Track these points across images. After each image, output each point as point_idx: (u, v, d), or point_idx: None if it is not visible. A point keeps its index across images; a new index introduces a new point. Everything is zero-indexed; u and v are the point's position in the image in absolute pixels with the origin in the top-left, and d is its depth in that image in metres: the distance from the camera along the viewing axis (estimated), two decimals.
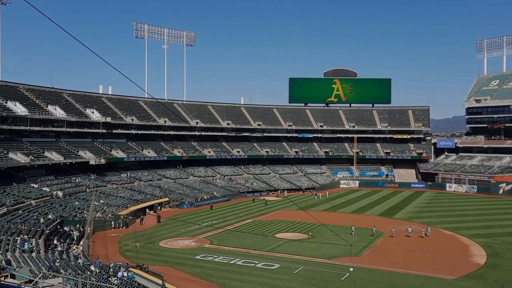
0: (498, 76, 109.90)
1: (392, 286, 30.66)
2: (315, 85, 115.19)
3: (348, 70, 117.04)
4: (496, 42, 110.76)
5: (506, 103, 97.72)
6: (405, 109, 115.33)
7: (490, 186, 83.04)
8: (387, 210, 65.40)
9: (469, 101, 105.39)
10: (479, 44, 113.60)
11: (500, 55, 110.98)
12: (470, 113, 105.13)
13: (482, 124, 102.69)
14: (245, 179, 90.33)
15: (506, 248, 41.14)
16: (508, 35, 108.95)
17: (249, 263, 36.12)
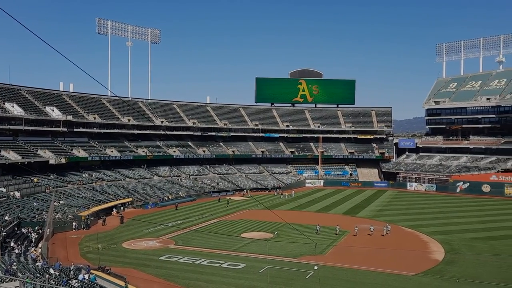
0: (456, 79, 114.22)
1: (355, 283, 31.24)
2: (282, 85, 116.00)
3: (314, 71, 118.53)
4: (454, 46, 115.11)
5: (463, 105, 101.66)
6: (368, 110, 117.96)
7: (448, 185, 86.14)
8: (351, 208, 66.65)
9: (428, 102, 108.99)
10: (438, 47, 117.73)
11: (458, 58, 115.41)
12: (430, 114, 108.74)
13: (441, 125, 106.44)
14: (211, 179, 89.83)
15: (462, 245, 42.78)
16: (466, 40, 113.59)
17: (214, 263, 35.91)
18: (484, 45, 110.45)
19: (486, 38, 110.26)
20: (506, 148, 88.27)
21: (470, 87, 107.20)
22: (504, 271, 34.11)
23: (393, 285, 30.75)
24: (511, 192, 78.61)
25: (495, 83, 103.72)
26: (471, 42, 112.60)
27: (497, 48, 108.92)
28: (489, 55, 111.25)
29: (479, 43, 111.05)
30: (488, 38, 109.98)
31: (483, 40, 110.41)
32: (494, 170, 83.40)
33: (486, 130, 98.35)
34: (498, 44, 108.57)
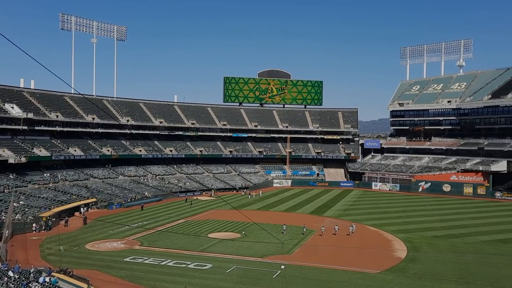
0: (419, 82, 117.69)
1: (321, 281, 31.62)
2: (250, 85, 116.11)
3: (282, 71, 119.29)
4: (417, 50, 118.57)
5: (425, 107, 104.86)
6: (335, 111, 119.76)
7: (411, 185, 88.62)
8: (317, 208, 67.46)
9: (393, 104, 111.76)
10: (402, 51, 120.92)
11: (421, 62, 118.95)
12: (394, 116, 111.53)
13: (404, 126, 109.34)
14: (178, 179, 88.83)
15: (424, 243, 44.10)
16: (428, 44, 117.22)
17: (180, 264, 35.53)
18: (445, 49, 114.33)
19: (447, 42, 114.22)
20: (465, 149, 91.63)
21: (432, 90, 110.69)
22: (462, 267, 35.38)
23: (358, 283, 31.32)
24: (469, 192, 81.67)
25: (455, 86, 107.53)
26: (434, 46, 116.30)
27: (458, 52, 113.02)
28: (450, 59, 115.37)
29: (441, 48, 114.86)
30: (449, 42, 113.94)
31: (445, 44, 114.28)
32: (454, 171, 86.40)
33: (447, 131, 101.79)
34: (459, 48, 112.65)
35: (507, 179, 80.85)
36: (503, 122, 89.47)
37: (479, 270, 34.47)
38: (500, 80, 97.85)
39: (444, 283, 31.27)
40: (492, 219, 57.84)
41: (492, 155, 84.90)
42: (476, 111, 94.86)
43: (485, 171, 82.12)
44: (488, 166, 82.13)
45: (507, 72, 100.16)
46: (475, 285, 30.92)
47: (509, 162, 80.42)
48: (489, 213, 63.25)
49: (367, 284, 31.15)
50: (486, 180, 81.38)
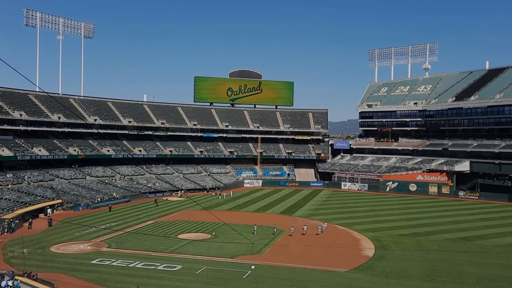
0: (387, 84, 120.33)
1: (291, 281, 31.83)
2: (221, 85, 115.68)
3: (253, 71, 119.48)
4: (385, 52, 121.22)
5: (393, 109, 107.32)
6: (306, 111, 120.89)
7: (379, 184, 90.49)
8: (288, 208, 67.90)
9: (362, 106, 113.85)
10: (371, 53, 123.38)
11: (388, 64, 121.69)
12: (363, 117, 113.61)
13: (373, 127, 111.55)
14: (147, 179, 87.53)
15: (391, 241, 45.11)
16: (396, 47, 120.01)
17: (149, 265, 35.03)
18: (412, 52, 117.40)
19: (414, 46, 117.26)
20: (430, 149, 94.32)
21: (399, 92, 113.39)
22: (427, 265, 36.38)
23: (327, 281, 31.71)
24: (434, 191, 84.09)
25: (421, 88, 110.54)
26: (401, 49, 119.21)
27: (424, 55, 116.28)
28: (416, 62, 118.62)
29: (408, 51, 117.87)
30: (416, 46, 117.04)
31: (411, 47, 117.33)
32: (420, 171, 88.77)
33: (413, 132, 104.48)
34: (424, 52, 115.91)
35: (469, 179, 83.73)
36: (466, 123, 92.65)
37: (443, 267, 35.54)
38: (463, 83, 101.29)
39: (409, 280, 32.07)
40: (455, 218, 59.76)
41: (455, 155, 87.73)
42: (441, 112, 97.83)
43: (449, 171, 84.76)
44: (452, 166, 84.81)
45: (470, 76, 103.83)
46: (439, 282, 31.85)
47: (471, 162, 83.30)
48: (453, 211, 65.31)
49: (336, 282, 31.58)
50: (450, 180, 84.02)
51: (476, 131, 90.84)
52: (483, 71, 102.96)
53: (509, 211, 65.76)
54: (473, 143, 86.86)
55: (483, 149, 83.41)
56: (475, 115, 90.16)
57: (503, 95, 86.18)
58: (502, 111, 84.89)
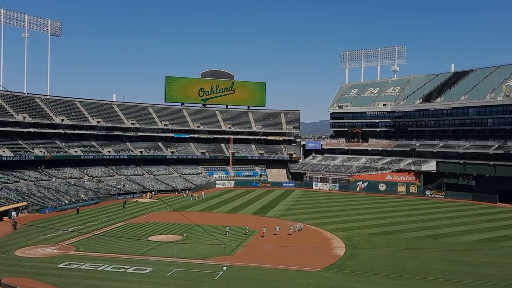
0: (357, 85, 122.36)
1: (263, 281, 31.84)
2: (192, 85, 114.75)
3: (225, 72, 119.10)
4: (356, 54, 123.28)
5: (363, 110, 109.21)
6: (278, 112, 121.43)
7: (349, 184, 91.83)
8: (260, 209, 67.97)
9: (333, 107, 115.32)
10: (342, 55, 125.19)
11: (359, 66, 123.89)
12: (334, 118, 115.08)
13: (343, 128, 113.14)
14: (116, 181, 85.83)
15: (361, 240, 45.83)
16: (366, 49, 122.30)
17: (119, 268, 34.35)
18: (381, 55, 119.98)
19: (383, 48, 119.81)
20: (399, 150, 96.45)
21: (369, 93, 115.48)
22: (396, 263, 37.13)
23: (299, 281, 31.88)
24: (403, 190, 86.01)
25: (390, 90, 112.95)
26: (370, 51, 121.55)
27: (392, 58, 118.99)
28: (385, 64, 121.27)
29: (377, 53, 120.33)
30: (385, 48, 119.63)
31: (381, 50, 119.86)
32: (389, 170, 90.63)
33: (382, 133, 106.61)
34: (393, 54, 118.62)
35: (436, 178, 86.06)
36: (433, 124, 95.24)
37: (411, 265, 36.35)
38: (430, 85, 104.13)
39: (379, 278, 32.64)
40: (423, 216, 61.29)
41: (423, 155, 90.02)
42: (409, 114, 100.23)
43: (416, 171, 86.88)
44: (419, 166, 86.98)
45: (436, 78, 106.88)
46: (407, 279, 32.55)
47: (438, 162, 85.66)
48: (420, 210, 66.96)
49: (308, 282, 31.79)
50: (418, 180, 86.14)
51: (442, 132, 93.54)
52: (448, 73, 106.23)
53: (473, 209, 68.02)
54: (439, 144, 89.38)
55: (449, 149, 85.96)
56: (441, 116, 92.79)
57: (467, 97, 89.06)
58: (466, 112, 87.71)
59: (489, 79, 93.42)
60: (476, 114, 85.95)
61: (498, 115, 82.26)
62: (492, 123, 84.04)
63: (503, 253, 40.35)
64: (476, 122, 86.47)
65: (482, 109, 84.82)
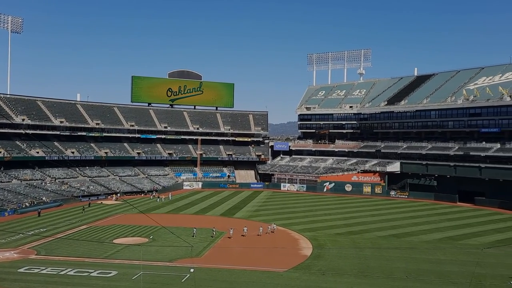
0: (324, 87, 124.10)
1: (230, 283, 31.73)
2: (160, 85, 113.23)
3: (193, 72, 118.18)
4: (323, 57, 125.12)
5: (330, 112, 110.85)
6: (246, 113, 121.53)
7: (317, 185, 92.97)
8: (228, 210, 67.77)
9: (301, 108, 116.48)
10: (309, 57, 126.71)
11: (326, 68, 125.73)
12: (302, 119, 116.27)
13: (311, 130, 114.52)
14: (80, 182, 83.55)
15: (328, 240, 46.46)
16: (333, 52, 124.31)
17: (82, 272, 33.44)
18: (348, 57, 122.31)
19: (349, 51, 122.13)
20: (365, 151, 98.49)
21: (336, 96, 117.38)
22: (361, 262, 37.84)
23: (266, 282, 31.96)
24: (368, 191, 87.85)
25: (356, 92, 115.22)
26: (337, 54, 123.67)
27: (358, 61, 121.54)
28: (352, 67, 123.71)
29: (344, 56, 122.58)
30: (351, 51, 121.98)
31: (347, 53, 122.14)
32: (355, 171, 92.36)
33: (349, 134, 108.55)
34: (359, 57, 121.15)
35: (400, 179, 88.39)
36: (397, 126, 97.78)
37: (376, 264, 37.14)
38: (394, 88, 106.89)
39: (345, 277, 33.17)
40: (387, 216, 62.78)
41: (387, 157, 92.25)
42: (374, 116, 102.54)
43: (381, 172, 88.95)
44: (384, 167, 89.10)
45: (400, 81, 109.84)
46: (372, 277, 33.23)
47: (402, 163, 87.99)
48: (385, 210, 68.57)
49: (275, 282, 31.92)
50: (382, 180, 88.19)
51: (405, 134, 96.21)
52: (412, 77, 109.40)
53: (435, 209, 70.25)
54: (403, 145, 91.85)
55: (412, 150, 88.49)
56: (405, 118, 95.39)
57: (429, 100, 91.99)
58: (428, 115, 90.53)
59: (450, 83, 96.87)
60: (437, 117, 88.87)
61: (458, 118, 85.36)
62: (452, 125, 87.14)
63: (463, 251, 41.85)
64: (438, 124, 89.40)
65: (443, 112, 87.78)
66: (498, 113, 78.94)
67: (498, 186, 72.07)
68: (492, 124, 79.83)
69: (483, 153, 76.31)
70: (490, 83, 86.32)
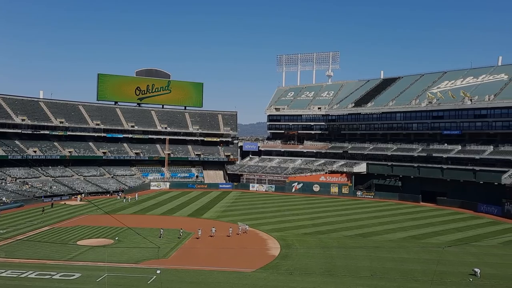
0: (293, 89, 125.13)
1: (198, 284, 31.47)
2: (127, 84, 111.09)
3: (162, 71, 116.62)
4: (292, 58, 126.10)
5: (299, 113, 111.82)
6: (215, 113, 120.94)
7: (285, 186, 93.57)
8: (196, 210, 67.23)
9: (270, 109, 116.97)
10: (279, 58, 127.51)
11: (295, 70, 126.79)
12: (271, 120, 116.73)
13: (280, 130, 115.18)
14: (42, 182, 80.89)
15: (296, 240, 46.81)
16: (302, 53, 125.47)
17: (44, 275, 32.43)
18: (316, 59, 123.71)
19: (318, 53, 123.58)
20: (332, 152, 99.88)
21: (305, 97, 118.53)
22: (328, 261, 38.32)
23: (234, 282, 31.88)
24: (335, 191, 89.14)
25: (325, 94, 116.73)
26: (306, 56, 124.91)
27: (327, 63, 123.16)
28: (321, 69, 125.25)
29: (313, 58, 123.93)
30: (320, 53, 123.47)
31: (316, 55, 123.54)
32: (323, 172, 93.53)
33: (317, 135, 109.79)
34: (328, 59, 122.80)
35: (366, 179, 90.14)
36: (364, 128, 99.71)
37: (342, 263, 37.71)
38: (361, 90, 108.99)
39: (312, 277, 33.49)
40: (353, 216, 63.87)
41: (354, 157, 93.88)
42: (342, 117, 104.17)
43: (348, 172, 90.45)
44: (351, 167, 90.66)
45: (367, 84, 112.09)
46: (338, 276, 33.70)
47: (368, 164, 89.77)
48: (351, 210, 69.74)
49: (243, 283, 31.87)
50: (349, 181, 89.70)
51: (372, 135, 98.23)
52: (378, 79, 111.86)
53: (399, 208, 72.04)
54: (369, 146, 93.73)
55: (378, 152, 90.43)
56: (371, 120, 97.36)
57: (395, 102, 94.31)
58: (394, 117, 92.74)
59: (414, 86, 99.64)
60: (402, 119, 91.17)
61: (422, 120, 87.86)
62: (416, 127, 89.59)
63: (425, 250, 43.06)
64: (403, 126, 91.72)
65: (408, 114, 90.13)
66: (459, 116, 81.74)
67: (459, 186, 74.69)
68: (453, 127, 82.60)
69: (445, 154, 78.87)
70: (452, 87, 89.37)
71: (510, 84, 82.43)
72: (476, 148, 76.78)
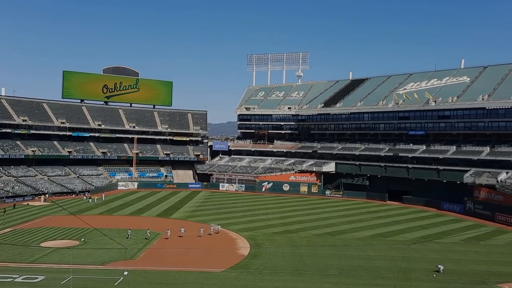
0: (264, 88, 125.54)
1: (166, 284, 31.10)
2: (94, 81, 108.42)
3: (130, 69, 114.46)
4: (263, 58, 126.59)
5: (269, 112, 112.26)
6: (185, 112, 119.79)
7: (255, 185, 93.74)
8: (165, 210, 66.41)
9: (240, 108, 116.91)
10: (249, 58, 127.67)
11: (265, 69, 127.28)
12: (241, 119, 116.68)
13: (250, 130, 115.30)
14: (4, 182, 77.94)
15: (266, 239, 46.97)
16: (272, 53, 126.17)
17: (6, 278, 31.32)
18: (287, 60, 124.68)
19: (288, 53, 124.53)
20: (302, 151, 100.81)
21: (275, 97, 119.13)
22: (297, 260, 38.66)
23: (203, 283, 31.67)
24: (305, 190, 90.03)
25: (295, 94, 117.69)
26: (277, 56, 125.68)
27: (297, 63, 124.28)
28: (291, 69, 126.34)
29: (283, 58, 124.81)
30: (290, 54, 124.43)
31: (286, 55, 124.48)
32: (293, 171, 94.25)
33: (287, 135, 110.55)
34: (298, 60, 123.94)
35: (335, 179, 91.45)
36: (333, 128, 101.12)
37: (311, 261, 38.11)
38: (330, 91, 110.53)
39: (281, 276, 33.68)
40: (322, 215, 64.69)
41: (323, 157, 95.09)
42: (311, 118, 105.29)
43: (317, 172, 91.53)
44: (320, 167, 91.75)
45: (336, 84, 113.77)
46: (307, 275, 34.03)
47: (337, 163, 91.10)
48: (321, 209, 70.59)
49: (212, 283, 31.69)
50: (318, 180, 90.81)
51: (341, 135, 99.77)
52: (347, 80, 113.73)
53: (367, 207, 73.48)
54: (338, 146, 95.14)
55: (346, 151, 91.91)
56: (340, 120, 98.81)
57: (363, 103, 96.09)
58: (362, 117, 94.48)
59: (381, 87, 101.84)
60: (370, 119, 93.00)
61: (388, 121, 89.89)
62: (383, 128, 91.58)
63: (391, 247, 44.07)
64: (370, 126, 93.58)
65: (375, 114, 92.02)
66: (424, 117, 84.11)
67: (423, 185, 76.92)
68: (418, 127, 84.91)
69: (410, 154, 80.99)
70: (417, 89, 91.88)
71: (472, 87, 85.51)
72: (440, 148, 79.30)
